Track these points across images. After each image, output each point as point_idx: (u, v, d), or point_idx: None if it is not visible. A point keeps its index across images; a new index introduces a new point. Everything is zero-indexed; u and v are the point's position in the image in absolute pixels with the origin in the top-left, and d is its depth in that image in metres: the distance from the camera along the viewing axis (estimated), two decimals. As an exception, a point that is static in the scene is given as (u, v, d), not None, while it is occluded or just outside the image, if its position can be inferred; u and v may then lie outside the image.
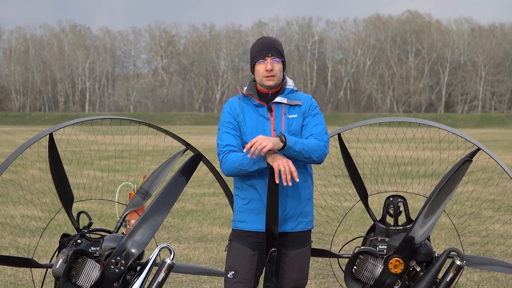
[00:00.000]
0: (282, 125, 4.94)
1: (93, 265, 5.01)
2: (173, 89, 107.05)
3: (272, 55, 4.95)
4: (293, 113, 4.98)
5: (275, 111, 4.96)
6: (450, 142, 6.51)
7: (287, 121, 4.96)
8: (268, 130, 4.93)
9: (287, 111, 4.97)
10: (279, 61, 4.97)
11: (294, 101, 5.00)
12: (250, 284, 4.95)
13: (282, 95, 4.99)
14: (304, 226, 5.01)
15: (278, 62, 4.96)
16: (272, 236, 4.85)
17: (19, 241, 9.74)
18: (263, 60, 4.95)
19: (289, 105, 4.99)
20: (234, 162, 4.83)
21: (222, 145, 4.91)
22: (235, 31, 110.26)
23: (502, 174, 7.96)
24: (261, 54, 4.96)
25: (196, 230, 10.97)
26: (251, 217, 4.95)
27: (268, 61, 4.94)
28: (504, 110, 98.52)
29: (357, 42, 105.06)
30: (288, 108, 4.98)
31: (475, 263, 5.57)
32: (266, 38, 5.04)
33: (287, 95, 5.01)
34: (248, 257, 4.95)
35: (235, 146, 4.91)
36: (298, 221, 4.98)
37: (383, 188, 7.13)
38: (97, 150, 17.88)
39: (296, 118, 4.98)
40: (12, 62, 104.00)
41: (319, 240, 8.64)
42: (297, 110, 5.00)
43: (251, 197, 4.94)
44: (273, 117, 4.95)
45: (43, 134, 5.23)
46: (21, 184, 13.20)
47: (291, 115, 4.97)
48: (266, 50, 4.95)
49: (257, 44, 5.02)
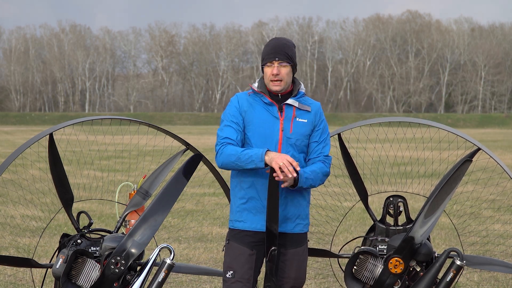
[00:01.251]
0: (290, 127, 4.95)
1: (93, 265, 5.01)
2: (173, 89, 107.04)
3: (279, 59, 4.93)
4: (303, 117, 4.99)
5: (285, 112, 4.96)
6: (450, 142, 6.51)
7: (296, 124, 4.96)
8: (276, 129, 4.93)
9: (297, 114, 4.98)
10: (287, 65, 4.95)
11: (304, 106, 5.00)
12: (249, 284, 4.95)
13: (294, 98, 4.99)
14: (301, 229, 5.03)
15: (286, 66, 4.94)
16: (272, 235, 4.85)
17: (19, 241, 9.74)
18: (271, 63, 4.95)
19: (299, 109, 4.99)
20: (230, 156, 4.82)
21: (222, 136, 4.91)
22: (235, 31, 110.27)
23: (502, 174, 7.95)
24: (269, 57, 4.95)
25: (196, 230, 10.97)
26: (249, 216, 4.95)
27: (275, 65, 4.93)
28: (504, 110, 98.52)
29: (357, 42, 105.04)
30: (298, 112, 4.99)
31: (475, 263, 5.57)
32: (277, 41, 5.00)
33: (299, 98, 5.01)
34: (247, 257, 4.95)
35: (234, 140, 4.90)
36: (297, 222, 5.00)
37: (383, 188, 7.13)
38: (97, 150, 17.87)
39: (305, 123, 4.98)
40: (12, 62, 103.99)
41: (319, 240, 8.64)
42: (307, 116, 5.00)
43: (250, 196, 4.93)
44: (283, 117, 4.95)
45: (43, 134, 5.23)
46: (21, 184, 13.20)
47: (301, 119, 4.98)
48: (274, 53, 4.93)
49: (267, 46, 5.00)
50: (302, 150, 4.99)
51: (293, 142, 4.94)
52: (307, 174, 4.84)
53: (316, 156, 4.99)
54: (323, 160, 4.99)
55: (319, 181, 4.94)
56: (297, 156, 4.95)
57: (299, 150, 4.97)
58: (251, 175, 4.91)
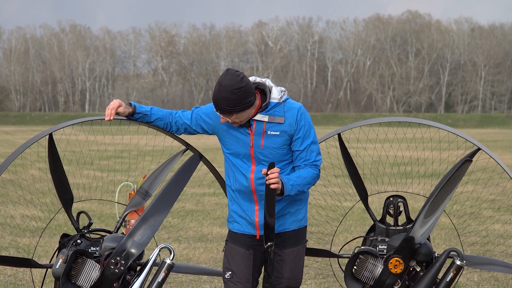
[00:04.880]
0: (261, 142, 4.87)
1: (93, 265, 5.01)
2: (173, 89, 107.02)
3: (222, 112, 4.77)
4: (275, 130, 4.85)
5: (255, 128, 4.85)
6: (450, 142, 6.51)
7: (267, 137, 4.87)
8: (247, 144, 4.89)
9: (267, 128, 4.86)
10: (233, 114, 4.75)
11: (275, 118, 4.84)
12: (248, 284, 4.95)
13: (263, 113, 4.84)
14: (298, 225, 5.02)
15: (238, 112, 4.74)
16: (269, 229, 4.82)
17: (19, 241, 9.74)
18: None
19: (270, 122, 4.86)
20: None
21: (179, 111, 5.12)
22: (235, 31, 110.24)
23: (502, 174, 7.95)
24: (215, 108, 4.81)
25: (196, 230, 10.97)
26: (240, 220, 4.98)
27: (221, 116, 4.81)
28: (504, 110, 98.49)
29: (357, 42, 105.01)
30: (269, 125, 4.86)
31: (475, 263, 5.57)
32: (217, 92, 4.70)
33: (270, 111, 4.84)
34: (244, 257, 4.95)
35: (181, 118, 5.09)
36: (292, 219, 4.98)
37: (383, 188, 7.12)
38: (97, 150, 17.87)
39: (277, 135, 4.86)
40: (12, 62, 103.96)
41: (319, 240, 8.65)
42: (279, 127, 4.86)
43: (236, 210, 4.99)
44: (253, 132, 4.86)
45: (43, 134, 5.22)
46: (21, 184, 13.19)
47: (272, 132, 4.85)
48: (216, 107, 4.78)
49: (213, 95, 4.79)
50: (280, 160, 4.90)
51: (266, 155, 4.87)
52: (292, 181, 4.78)
53: (301, 164, 4.92)
54: (310, 165, 4.92)
55: (308, 185, 4.88)
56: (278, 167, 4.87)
57: (275, 161, 4.87)
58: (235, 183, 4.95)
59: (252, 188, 4.89)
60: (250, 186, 4.89)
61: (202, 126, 5.07)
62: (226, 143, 4.97)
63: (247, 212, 4.93)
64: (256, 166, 4.89)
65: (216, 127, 5.00)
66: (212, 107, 4.99)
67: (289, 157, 4.94)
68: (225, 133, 4.96)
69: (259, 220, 4.90)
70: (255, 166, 4.89)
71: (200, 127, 5.07)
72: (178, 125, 5.13)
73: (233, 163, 4.93)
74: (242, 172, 4.91)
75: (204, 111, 5.05)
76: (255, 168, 4.89)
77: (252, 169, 4.89)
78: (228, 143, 4.95)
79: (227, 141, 4.96)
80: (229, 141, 4.94)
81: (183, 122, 5.11)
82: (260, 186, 4.87)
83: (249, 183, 4.88)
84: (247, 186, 4.89)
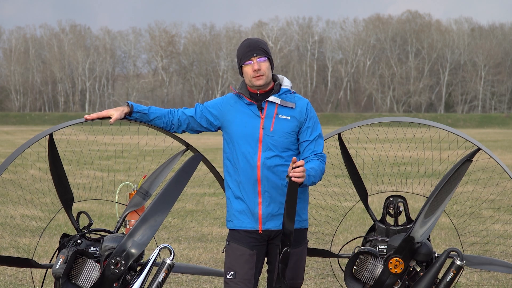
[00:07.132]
0: (271, 125, 4.93)
1: (93, 265, 5.01)
2: (173, 89, 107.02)
3: (257, 54, 4.96)
4: (286, 114, 4.97)
5: (266, 110, 4.97)
6: (450, 142, 6.51)
7: (277, 121, 4.95)
8: (256, 128, 4.94)
9: (279, 111, 4.97)
10: (265, 59, 4.98)
11: (287, 102, 4.98)
12: (250, 284, 4.95)
13: (276, 95, 4.99)
14: (300, 225, 5.02)
15: (264, 61, 4.97)
16: (287, 234, 4.80)
17: (19, 241, 9.74)
18: (250, 61, 4.96)
19: (282, 106, 4.98)
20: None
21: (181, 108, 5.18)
22: (235, 31, 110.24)
23: (502, 174, 7.96)
24: (246, 55, 4.97)
25: (196, 230, 10.97)
26: (241, 216, 4.98)
27: (254, 62, 4.95)
28: (504, 110, 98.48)
29: (357, 42, 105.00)
30: (281, 109, 4.98)
31: (475, 263, 5.57)
32: (250, 39, 5.05)
33: (282, 95, 5.00)
34: (247, 257, 4.95)
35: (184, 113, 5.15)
36: (295, 219, 4.97)
37: (383, 188, 7.12)
38: (97, 150, 17.88)
39: (288, 120, 4.96)
40: (12, 62, 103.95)
41: (319, 240, 8.65)
42: (290, 112, 4.98)
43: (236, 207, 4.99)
44: (264, 115, 4.95)
45: (43, 134, 5.22)
46: (21, 184, 13.19)
47: (283, 116, 4.96)
48: (251, 51, 4.96)
49: (242, 46, 5.03)
50: (287, 148, 4.95)
51: (275, 139, 4.92)
52: (308, 171, 4.82)
53: (310, 155, 4.97)
54: (318, 158, 4.97)
55: (319, 178, 4.93)
56: (284, 156, 4.92)
57: (283, 149, 4.93)
58: (238, 175, 4.94)
59: (258, 176, 4.89)
60: (255, 175, 4.89)
61: (207, 118, 5.10)
62: (234, 128, 4.98)
63: (250, 205, 4.92)
64: (262, 152, 4.91)
65: (223, 113, 5.05)
66: (218, 101, 5.09)
67: (296, 148, 4.99)
68: (233, 118, 4.99)
69: (262, 213, 4.91)
70: (261, 152, 4.91)
71: (205, 118, 5.11)
72: (180, 121, 5.16)
73: (240, 149, 4.93)
74: (247, 160, 4.91)
75: (210, 104, 5.13)
76: (262, 154, 4.90)
77: (259, 155, 4.90)
78: (235, 129, 4.97)
79: (235, 126, 4.97)
80: (238, 126, 4.96)
81: (186, 117, 5.14)
82: (266, 171, 4.87)
83: (255, 171, 4.89)
84: (252, 175, 4.90)
